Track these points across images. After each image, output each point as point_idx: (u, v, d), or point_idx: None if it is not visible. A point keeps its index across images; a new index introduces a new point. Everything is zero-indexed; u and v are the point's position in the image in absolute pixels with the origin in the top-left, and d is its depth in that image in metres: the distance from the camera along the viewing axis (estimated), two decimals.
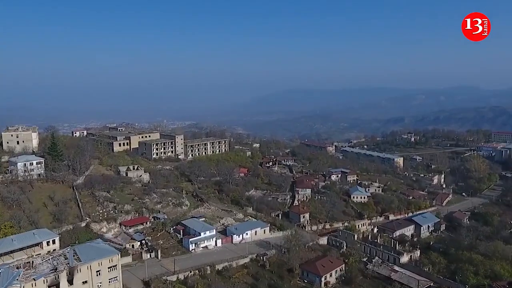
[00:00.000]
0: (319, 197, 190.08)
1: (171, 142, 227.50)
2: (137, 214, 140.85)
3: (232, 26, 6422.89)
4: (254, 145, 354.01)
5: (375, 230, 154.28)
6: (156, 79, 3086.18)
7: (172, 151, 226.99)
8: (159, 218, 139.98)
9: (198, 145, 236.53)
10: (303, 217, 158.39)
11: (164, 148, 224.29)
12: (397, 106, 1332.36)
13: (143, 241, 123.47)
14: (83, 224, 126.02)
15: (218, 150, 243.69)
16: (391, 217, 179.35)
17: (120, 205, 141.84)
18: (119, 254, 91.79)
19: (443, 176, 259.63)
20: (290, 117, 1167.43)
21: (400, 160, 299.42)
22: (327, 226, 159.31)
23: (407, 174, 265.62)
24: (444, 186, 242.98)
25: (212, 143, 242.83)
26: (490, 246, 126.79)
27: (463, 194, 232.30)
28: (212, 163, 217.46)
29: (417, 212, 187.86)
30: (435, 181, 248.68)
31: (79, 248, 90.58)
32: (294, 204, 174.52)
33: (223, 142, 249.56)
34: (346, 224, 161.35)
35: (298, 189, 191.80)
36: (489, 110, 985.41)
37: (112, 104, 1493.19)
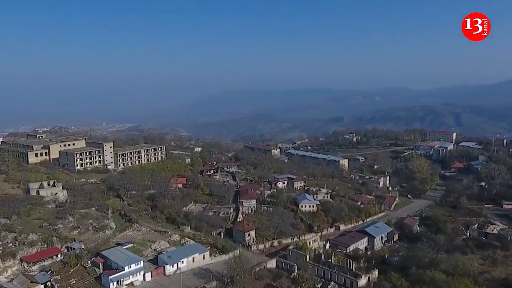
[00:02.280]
0: (265, 208, 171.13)
1: (99, 151, 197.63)
2: (45, 245, 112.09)
3: (173, 25, 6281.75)
4: (195, 150, 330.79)
5: (328, 245, 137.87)
6: (97, 80, 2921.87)
7: (100, 161, 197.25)
8: (73, 249, 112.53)
9: (131, 153, 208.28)
10: (248, 235, 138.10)
11: (91, 158, 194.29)
12: (336, 106, 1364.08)
13: (49, 283, 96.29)
14: None
15: (153, 158, 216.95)
16: (342, 227, 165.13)
17: (23, 235, 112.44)
18: None
19: (388, 177, 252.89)
20: (233, 118, 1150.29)
21: (345, 162, 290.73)
22: (275, 244, 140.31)
23: (353, 177, 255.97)
24: (390, 188, 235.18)
25: (147, 150, 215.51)
26: (450, 261, 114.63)
27: (409, 196, 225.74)
28: (146, 174, 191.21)
29: (368, 220, 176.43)
30: (381, 183, 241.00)
31: None
32: (238, 219, 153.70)
33: (159, 149, 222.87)
34: (295, 239, 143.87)
35: (242, 200, 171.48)
36: (419, 109, 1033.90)
37: (50, 106, 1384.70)
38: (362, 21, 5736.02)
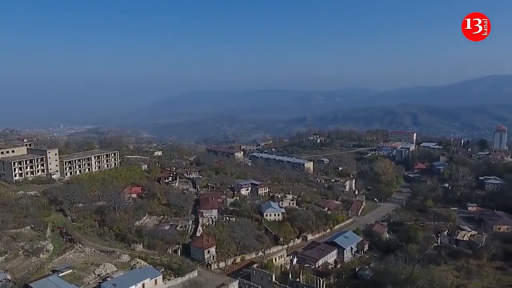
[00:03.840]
0: (227, 219, 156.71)
1: (42, 159, 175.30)
2: None
3: (135, 25, 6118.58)
4: (155, 153, 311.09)
5: (295, 260, 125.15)
6: (57, 80, 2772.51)
7: (43, 170, 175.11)
8: None
9: (79, 160, 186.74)
10: (208, 252, 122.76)
11: (32, 167, 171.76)
12: (299, 107, 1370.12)
13: None
14: None
15: (106, 165, 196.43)
16: (310, 237, 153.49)
17: None
18: None
19: (354, 180, 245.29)
20: (196, 119, 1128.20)
21: (310, 165, 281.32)
22: (238, 260, 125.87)
23: (319, 181, 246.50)
24: (356, 192, 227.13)
25: (98, 157, 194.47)
26: (427, 276, 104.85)
27: (375, 199, 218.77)
28: (96, 183, 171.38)
29: (336, 227, 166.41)
30: (347, 187, 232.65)
31: None
32: (198, 233, 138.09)
33: (112, 155, 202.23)
34: (260, 253, 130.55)
35: (202, 210, 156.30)
36: (378, 110, 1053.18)
37: (3, 107, 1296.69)
38: (324, 24, 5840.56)
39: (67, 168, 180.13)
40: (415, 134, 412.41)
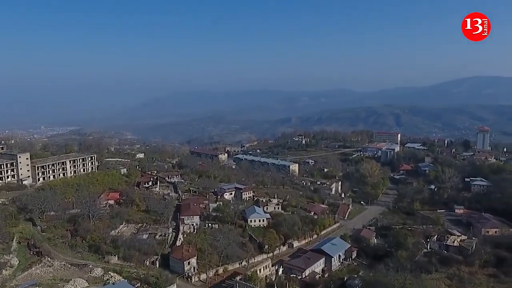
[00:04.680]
0: (209, 225, 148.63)
1: (12, 164, 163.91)
2: None
3: (121, 25, 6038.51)
4: (137, 156, 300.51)
5: (281, 270, 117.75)
6: (40, 80, 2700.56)
7: (13, 176, 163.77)
8: None
9: (53, 165, 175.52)
10: (188, 263, 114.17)
11: (1, 173, 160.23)
12: (284, 107, 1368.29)
13: None
14: None
15: (82, 170, 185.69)
16: (296, 243, 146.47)
17: None
18: None
19: (340, 183, 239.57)
20: (182, 120, 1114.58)
21: (295, 167, 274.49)
22: (221, 271, 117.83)
23: (304, 183, 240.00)
24: (342, 195, 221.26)
25: (74, 161, 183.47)
26: (419, 286, 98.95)
27: (362, 202, 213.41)
28: (71, 190, 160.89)
29: (323, 232, 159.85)
30: (333, 189, 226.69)
31: None
32: (178, 242, 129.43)
33: (89, 158, 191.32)
34: (244, 263, 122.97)
35: (183, 217, 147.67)
36: (362, 110, 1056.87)
37: None
38: (310, 25, 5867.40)
39: (40, 173, 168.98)
40: (399, 135, 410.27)
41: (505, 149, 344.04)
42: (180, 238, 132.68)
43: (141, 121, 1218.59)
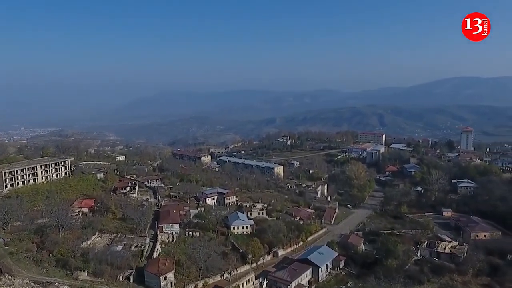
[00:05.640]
0: (190, 234, 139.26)
1: None
2: None
3: (106, 25, 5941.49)
4: (118, 158, 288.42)
5: (265, 284, 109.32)
6: (21, 79, 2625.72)
7: None
8: None
9: (23, 170, 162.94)
10: (165, 278, 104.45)
11: None
12: (269, 107, 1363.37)
13: None
14: None
15: (55, 175, 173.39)
16: (281, 252, 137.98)
17: None
18: None
19: (325, 185, 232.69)
20: (166, 121, 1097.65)
21: (280, 170, 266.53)
22: (200, 285, 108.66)
23: (290, 186, 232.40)
24: (328, 198, 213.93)
25: (45, 166, 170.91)
26: None
27: (348, 205, 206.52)
28: (41, 197, 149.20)
29: (309, 239, 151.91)
30: (319, 192, 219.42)
31: None
32: (155, 253, 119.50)
33: (62, 163, 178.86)
34: (226, 275, 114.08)
35: (162, 225, 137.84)
36: (347, 110, 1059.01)
37: None
38: (296, 25, 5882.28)
39: (7, 180, 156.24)
40: (384, 135, 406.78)
41: (487, 149, 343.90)
42: (157, 249, 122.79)
43: (125, 122, 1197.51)
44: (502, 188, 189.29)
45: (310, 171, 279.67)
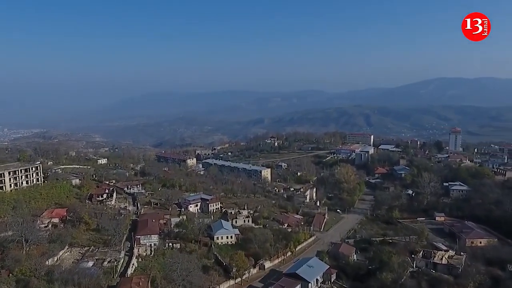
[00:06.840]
0: (169, 245, 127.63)
1: None
2: None
3: (93, 27, 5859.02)
4: (100, 162, 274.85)
5: None
6: (4, 79, 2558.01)
7: None
8: None
9: None
10: None
11: None
12: (257, 108, 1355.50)
13: None
14: None
15: (25, 182, 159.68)
16: (268, 264, 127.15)
17: None
18: None
19: (314, 189, 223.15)
20: (153, 122, 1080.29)
21: (267, 173, 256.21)
22: None
23: (277, 190, 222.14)
24: (317, 202, 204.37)
25: (14, 172, 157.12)
26: None
27: (338, 210, 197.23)
28: (7, 207, 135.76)
29: (298, 248, 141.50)
30: (308, 196, 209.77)
31: None
32: (130, 269, 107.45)
33: (34, 169, 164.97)
34: None
35: (139, 236, 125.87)
36: (333, 111, 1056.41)
37: None
38: (283, 26, 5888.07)
39: None
40: (372, 136, 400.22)
41: (475, 150, 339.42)
42: (132, 264, 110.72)
43: (112, 123, 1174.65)
44: (495, 192, 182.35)
45: (299, 173, 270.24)
